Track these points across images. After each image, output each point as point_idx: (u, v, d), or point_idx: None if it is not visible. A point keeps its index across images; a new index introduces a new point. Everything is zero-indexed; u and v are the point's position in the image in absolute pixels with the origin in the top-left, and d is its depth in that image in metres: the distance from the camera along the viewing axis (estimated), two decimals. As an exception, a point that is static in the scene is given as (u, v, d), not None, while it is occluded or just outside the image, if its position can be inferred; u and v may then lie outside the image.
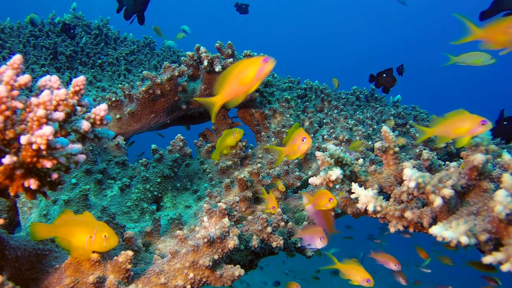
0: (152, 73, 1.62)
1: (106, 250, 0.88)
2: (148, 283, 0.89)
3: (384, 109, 2.31)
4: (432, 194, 0.81)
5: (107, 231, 0.86)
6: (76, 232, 0.86)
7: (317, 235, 1.13)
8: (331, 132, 1.88)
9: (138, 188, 1.41)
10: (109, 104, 1.75)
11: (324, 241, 1.12)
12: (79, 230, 0.86)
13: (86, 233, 0.85)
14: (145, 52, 2.88)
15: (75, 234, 0.86)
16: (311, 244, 1.15)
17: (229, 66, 1.66)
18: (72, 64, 2.46)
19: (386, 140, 1.07)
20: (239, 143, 1.69)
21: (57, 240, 0.86)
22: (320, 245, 1.13)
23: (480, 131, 0.92)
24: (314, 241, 1.14)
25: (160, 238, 1.19)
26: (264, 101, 2.11)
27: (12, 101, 0.66)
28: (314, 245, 1.14)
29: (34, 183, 0.68)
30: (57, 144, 0.67)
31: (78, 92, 0.77)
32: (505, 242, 0.75)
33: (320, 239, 1.13)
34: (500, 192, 0.73)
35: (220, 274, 0.89)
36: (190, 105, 1.82)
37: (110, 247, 0.87)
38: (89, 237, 0.85)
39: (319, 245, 1.13)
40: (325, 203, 1.04)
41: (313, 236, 1.14)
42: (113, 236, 0.87)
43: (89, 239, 0.85)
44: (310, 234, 1.15)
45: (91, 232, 0.85)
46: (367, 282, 1.18)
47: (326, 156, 1.04)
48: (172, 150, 1.53)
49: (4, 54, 2.26)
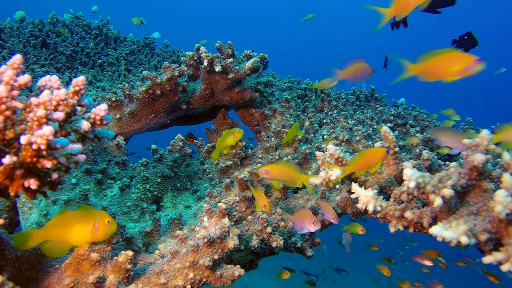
0: (152, 73, 1.62)
1: (108, 236, 0.89)
2: (148, 283, 0.89)
3: (384, 109, 2.31)
4: (432, 194, 0.81)
5: (108, 217, 0.88)
6: (76, 225, 0.86)
7: (308, 219, 1.13)
8: (331, 132, 1.88)
9: (138, 188, 1.41)
10: (109, 104, 1.75)
11: (317, 225, 1.12)
12: (79, 222, 0.86)
13: (87, 223, 0.86)
14: (145, 52, 2.89)
15: (74, 227, 0.86)
16: (304, 228, 1.14)
17: (229, 66, 1.66)
18: (72, 64, 2.46)
19: (386, 140, 1.07)
20: (239, 143, 1.69)
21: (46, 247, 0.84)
22: (313, 229, 1.13)
23: (475, 70, 0.88)
24: (306, 225, 1.13)
25: (160, 238, 1.19)
26: (264, 101, 2.11)
27: (12, 101, 0.66)
28: (307, 229, 1.14)
29: (34, 183, 0.68)
30: (57, 144, 0.67)
31: (78, 92, 0.77)
32: (505, 242, 0.75)
33: (313, 223, 1.12)
34: (500, 192, 0.73)
35: (220, 274, 0.89)
36: (190, 105, 1.82)
37: (112, 232, 0.89)
38: (92, 226, 0.86)
39: (312, 228, 1.13)
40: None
41: (303, 220, 1.14)
42: (113, 221, 0.89)
43: (92, 228, 0.86)
44: (300, 218, 1.15)
45: (93, 220, 0.86)
46: (264, 207, 1.23)
47: (326, 156, 1.04)
48: (172, 150, 1.53)
49: (4, 54, 2.26)
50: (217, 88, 1.78)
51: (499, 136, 1.07)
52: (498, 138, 1.07)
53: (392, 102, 2.54)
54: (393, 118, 2.11)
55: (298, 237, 1.21)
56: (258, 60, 1.73)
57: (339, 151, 1.05)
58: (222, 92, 1.80)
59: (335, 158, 1.05)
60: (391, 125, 2.07)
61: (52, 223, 0.84)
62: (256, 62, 1.72)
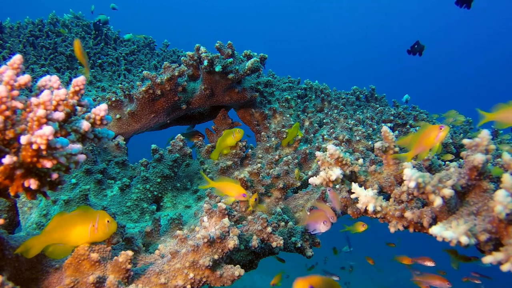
0: (152, 73, 1.62)
1: (108, 236, 0.90)
2: (148, 283, 0.89)
3: (384, 109, 2.31)
4: (432, 194, 0.81)
5: (108, 217, 0.89)
6: (76, 226, 0.86)
7: (320, 219, 1.15)
8: (331, 132, 1.88)
9: (138, 188, 1.41)
10: (109, 104, 1.75)
11: (327, 224, 1.14)
12: (79, 222, 0.86)
13: (87, 223, 0.86)
14: (145, 52, 2.89)
15: (74, 228, 0.86)
16: (316, 229, 1.17)
17: (229, 66, 1.66)
18: (72, 64, 2.46)
19: (386, 140, 1.07)
20: (239, 143, 1.69)
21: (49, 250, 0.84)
22: (323, 229, 1.15)
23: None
24: (319, 226, 1.16)
25: (160, 238, 1.19)
26: (264, 101, 2.11)
27: (12, 101, 0.66)
28: (318, 229, 1.16)
29: (34, 183, 0.68)
30: (57, 144, 0.67)
31: (78, 92, 0.77)
32: (505, 242, 0.75)
33: (323, 223, 1.14)
34: (500, 192, 0.73)
35: (220, 274, 0.89)
36: (190, 105, 1.82)
37: (112, 232, 0.89)
38: (92, 226, 0.86)
39: (322, 228, 1.15)
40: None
41: (317, 221, 1.16)
42: (113, 221, 0.89)
43: (92, 228, 0.86)
44: (315, 220, 1.17)
45: (93, 220, 0.86)
46: (243, 196, 1.22)
47: (326, 156, 1.04)
48: (172, 150, 1.53)
49: (4, 54, 2.26)
50: (217, 88, 1.78)
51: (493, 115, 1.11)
52: (492, 117, 1.12)
53: (392, 102, 2.54)
54: (393, 118, 2.11)
55: (298, 237, 1.21)
56: (258, 60, 1.73)
57: (339, 151, 1.05)
58: (222, 92, 1.80)
59: (335, 158, 1.05)
60: (391, 125, 2.07)
61: (51, 227, 0.84)
62: (256, 62, 1.72)
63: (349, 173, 1.07)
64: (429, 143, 0.96)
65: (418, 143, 0.97)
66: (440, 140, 0.95)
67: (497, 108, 1.12)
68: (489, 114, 1.14)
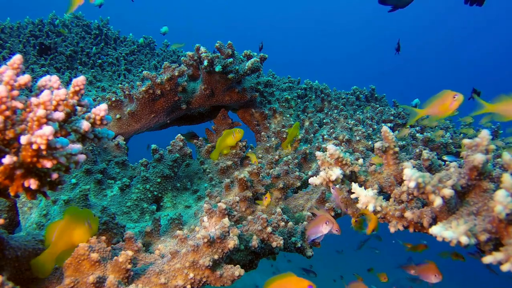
0: (152, 73, 1.62)
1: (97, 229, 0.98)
2: (148, 283, 0.89)
3: (384, 109, 2.31)
4: (432, 194, 0.81)
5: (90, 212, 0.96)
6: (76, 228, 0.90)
7: (321, 222, 1.15)
8: (331, 132, 1.88)
9: (138, 188, 1.41)
10: (109, 104, 1.74)
11: (329, 224, 1.14)
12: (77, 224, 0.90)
13: (82, 222, 0.91)
14: (145, 52, 2.89)
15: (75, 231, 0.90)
16: (318, 232, 1.16)
17: (229, 66, 1.66)
18: (72, 64, 2.46)
19: (386, 140, 1.07)
20: (239, 143, 1.69)
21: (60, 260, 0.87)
22: (326, 230, 1.14)
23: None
24: (321, 228, 1.15)
25: (160, 238, 1.18)
26: (264, 101, 2.11)
27: (12, 101, 0.66)
28: (320, 232, 1.15)
29: (34, 183, 0.68)
30: (57, 144, 0.67)
31: (78, 92, 0.77)
32: (505, 242, 0.75)
33: (326, 223, 1.14)
34: (500, 192, 0.73)
35: (220, 274, 0.89)
36: (190, 105, 1.82)
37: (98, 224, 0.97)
38: (86, 224, 0.92)
39: (325, 229, 1.14)
40: None
41: (318, 225, 1.16)
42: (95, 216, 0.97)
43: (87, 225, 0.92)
44: (315, 225, 1.17)
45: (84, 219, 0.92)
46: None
47: (326, 156, 1.04)
48: (172, 150, 1.53)
49: (4, 54, 2.26)
50: (217, 88, 1.78)
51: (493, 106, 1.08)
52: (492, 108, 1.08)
53: (392, 102, 2.54)
54: (393, 118, 2.11)
55: (298, 237, 1.21)
56: (258, 60, 1.73)
57: (339, 151, 1.05)
58: (222, 92, 1.80)
59: (335, 158, 1.05)
60: (391, 125, 2.07)
61: (56, 237, 0.87)
62: (256, 62, 1.71)
63: (349, 173, 1.07)
64: (443, 109, 0.97)
65: (432, 106, 0.99)
66: (454, 107, 0.97)
67: (498, 100, 1.07)
68: (489, 105, 1.09)
